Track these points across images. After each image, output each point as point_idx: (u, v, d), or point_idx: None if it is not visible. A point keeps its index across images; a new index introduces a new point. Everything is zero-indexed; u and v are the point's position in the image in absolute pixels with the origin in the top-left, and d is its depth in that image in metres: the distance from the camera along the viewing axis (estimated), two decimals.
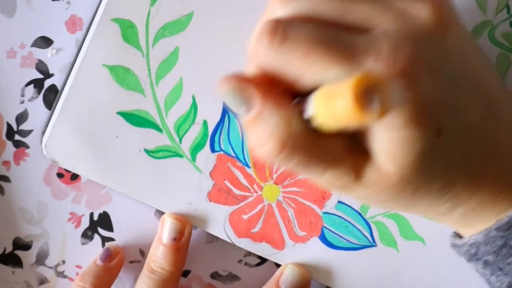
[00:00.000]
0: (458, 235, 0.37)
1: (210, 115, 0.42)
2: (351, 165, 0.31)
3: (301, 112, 0.30)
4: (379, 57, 0.28)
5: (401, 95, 0.24)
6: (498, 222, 0.33)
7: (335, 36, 0.29)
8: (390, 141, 0.29)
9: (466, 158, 0.32)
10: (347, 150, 0.31)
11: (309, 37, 0.29)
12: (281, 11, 0.31)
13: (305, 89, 0.30)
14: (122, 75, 0.42)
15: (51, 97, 0.43)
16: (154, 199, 0.43)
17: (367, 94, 0.24)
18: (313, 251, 0.43)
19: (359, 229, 0.43)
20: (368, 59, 0.28)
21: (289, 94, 0.31)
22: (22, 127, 0.43)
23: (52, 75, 0.43)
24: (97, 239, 0.44)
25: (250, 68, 0.31)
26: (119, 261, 0.44)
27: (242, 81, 0.30)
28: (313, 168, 0.31)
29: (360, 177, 0.31)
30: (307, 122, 0.30)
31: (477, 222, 0.34)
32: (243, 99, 0.30)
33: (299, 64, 0.29)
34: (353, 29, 0.30)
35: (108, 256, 0.43)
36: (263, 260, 0.45)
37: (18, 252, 0.44)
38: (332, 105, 0.26)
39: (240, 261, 0.45)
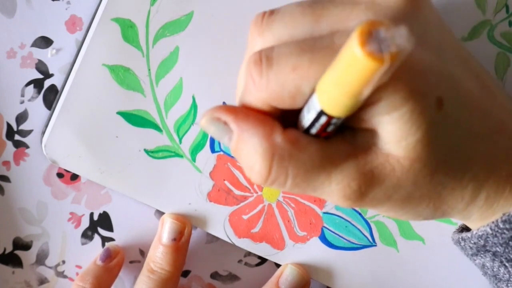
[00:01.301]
0: (463, 229, 0.37)
1: None
2: (357, 165, 0.30)
3: (289, 125, 0.30)
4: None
5: (407, 34, 0.23)
6: (505, 215, 0.33)
7: (315, 42, 0.29)
8: (394, 123, 0.29)
9: (474, 133, 0.32)
10: (349, 149, 0.30)
11: (292, 51, 0.29)
12: (261, 43, 0.31)
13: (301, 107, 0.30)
14: (122, 75, 0.42)
15: (51, 97, 0.43)
16: (154, 199, 0.43)
17: (374, 38, 0.23)
18: (313, 251, 0.43)
19: (359, 229, 0.43)
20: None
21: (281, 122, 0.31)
22: (22, 127, 0.43)
23: (52, 75, 0.43)
24: (97, 239, 0.44)
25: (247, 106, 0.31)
26: (119, 261, 0.44)
27: (216, 110, 0.31)
28: (315, 178, 0.30)
29: (371, 175, 0.30)
30: (307, 131, 0.30)
31: (499, 207, 0.33)
32: (221, 127, 0.31)
33: (292, 80, 0.29)
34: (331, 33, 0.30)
35: (108, 256, 0.43)
36: (263, 260, 0.45)
37: (18, 252, 0.44)
38: (340, 74, 0.25)
39: (240, 261, 0.45)
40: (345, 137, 0.31)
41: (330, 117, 0.28)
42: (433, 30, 0.31)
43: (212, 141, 0.43)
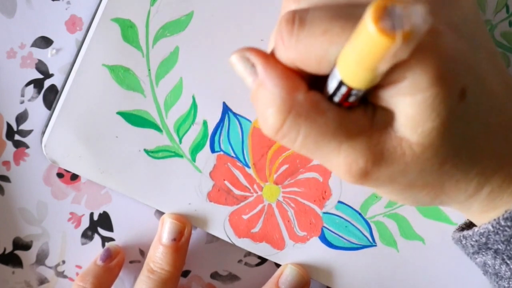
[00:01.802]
0: (463, 228, 0.37)
1: (210, 115, 0.42)
2: (369, 143, 0.30)
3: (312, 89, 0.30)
4: None
5: (424, 13, 0.23)
6: (507, 212, 0.33)
7: (351, 11, 0.29)
8: (414, 106, 0.29)
9: (490, 128, 0.31)
10: (366, 125, 0.30)
11: (325, 16, 0.29)
12: (295, 5, 0.31)
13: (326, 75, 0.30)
14: (122, 75, 0.42)
15: (51, 97, 0.43)
16: (154, 199, 0.43)
17: (389, 15, 0.23)
18: (313, 251, 0.43)
19: (359, 229, 0.43)
20: None
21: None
22: (22, 127, 0.43)
23: (52, 75, 0.43)
24: (97, 239, 0.44)
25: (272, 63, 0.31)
26: (119, 261, 0.44)
27: (248, 50, 0.31)
28: (326, 144, 0.30)
29: (380, 156, 0.30)
30: (330, 99, 0.30)
31: (502, 202, 0.33)
32: (249, 67, 0.30)
33: (320, 44, 0.28)
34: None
35: (109, 256, 0.43)
36: (263, 260, 0.45)
37: (18, 252, 0.44)
38: (356, 47, 0.25)
39: (240, 261, 0.45)
40: (367, 112, 0.30)
41: (349, 88, 0.28)
42: (469, 20, 0.31)
43: (212, 141, 0.43)
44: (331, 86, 0.29)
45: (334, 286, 0.44)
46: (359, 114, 0.30)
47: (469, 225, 0.38)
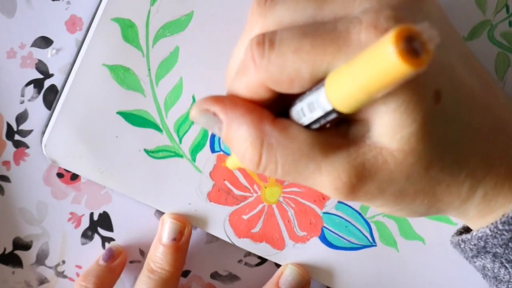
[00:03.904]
0: (461, 232, 0.37)
1: None
2: (348, 157, 0.30)
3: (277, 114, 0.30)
4: (362, 27, 0.28)
5: (431, 30, 0.23)
6: (505, 216, 0.33)
7: (318, 27, 0.29)
8: (389, 114, 0.28)
9: (473, 129, 0.31)
10: (341, 140, 0.30)
11: (294, 36, 0.29)
12: (261, 24, 0.31)
13: (296, 94, 0.30)
14: (122, 75, 0.42)
15: (51, 97, 0.43)
16: (154, 199, 0.43)
17: (408, 40, 0.23)
18: (313, 251, 0.43)
19: (359, 229, 0.43)
20: (353, 33, 0.28)
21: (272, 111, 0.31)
22: (22, 127, 0.43)
23: (52, 75, 0.43)
24: (97, 239, 0.44)
25: (240, 91, 0.31)
26: (121, 261, 0.44)
27: (204, 102, 0.32)
28: (304, 167, 0.30)
29: (362, 168, 0.30)
30: (308, 126, 0.30)
31: (498, 204, 0.33)
32: (211, 118, 0.31)
33: (291, 63, 0.29)
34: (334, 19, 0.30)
35: (111, 256, 0.43)
36: (263, 260, 0.45)
37: (18, 252, 0.44)
38: (363, 74, 0.25)
39: (240, 261, 0.45)
40: (339, 128, 0.31)
41: (339, 114, 0.28)
42: (435, 23, 0.31)
43: (212, 141, 0.43)
44: (312, 115, 0.29)
45: (334, 286, 0.44)
46: (332, 131, 0.30)
47: (468, 229, 0.38)
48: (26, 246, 0.44)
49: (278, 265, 0.44)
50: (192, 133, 0.42)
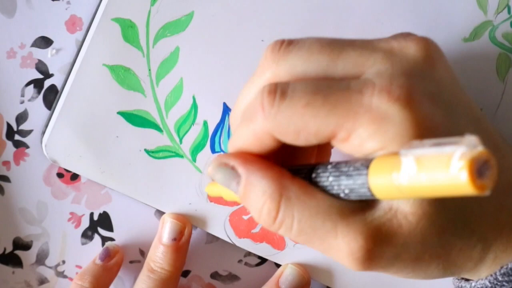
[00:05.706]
0: (462, 279, 0.37)
1: (211, 115, 0.42)
2: (364, 220, 0.30)
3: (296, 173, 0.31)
4: (375, 91, 0.28)
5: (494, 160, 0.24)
6: (504, 267, 0.33)
7: (331, 84, 0.29)
8: None
9: None
10: (356, 205, 0.30)
11: (306, 90, 0.29)
12: (273, 70, 0.31)
13: (300, 147, 0.31)
14: (122, 75, 0.42)
15: (51, 97, 0.43)
16: (154, 199, 0.43)
17: (480, 169, 0.24)
18: (313, 251, 0.43)
19: None
20: (366, 95, 0.29)
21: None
22: (22, 127, 0.43)
23: (52, 75, 0.43)
24: (97, 239, 0.44)
25: (245, 136, 0.32)
26: (118, 260, 0.44)
27: (223, 156, 0.32)
28: (321, 225, 0.30)
29: (378, 232, 0.30)
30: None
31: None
32: (229, 172, 0.32)
33: (300, 117, 0.29)
34: (346, 77, 0.30)
35: (107, 255, 0.43)
36: (263, 260, 0.45)
37: (18, 252, 0.44)
38: (425, 183, 0.25)
39: (240, 261, 0.45)
40: None
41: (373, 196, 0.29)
42: (446, 89, 0.31)
43: (213, 141, 0.43)
44: (342, 190, 0.30)
45: (334, 286, 0.44)
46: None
47: None
48: (26, 246, 0.44)
49: (278, 265, 0.44)
50: (192, 133, 0.42)
